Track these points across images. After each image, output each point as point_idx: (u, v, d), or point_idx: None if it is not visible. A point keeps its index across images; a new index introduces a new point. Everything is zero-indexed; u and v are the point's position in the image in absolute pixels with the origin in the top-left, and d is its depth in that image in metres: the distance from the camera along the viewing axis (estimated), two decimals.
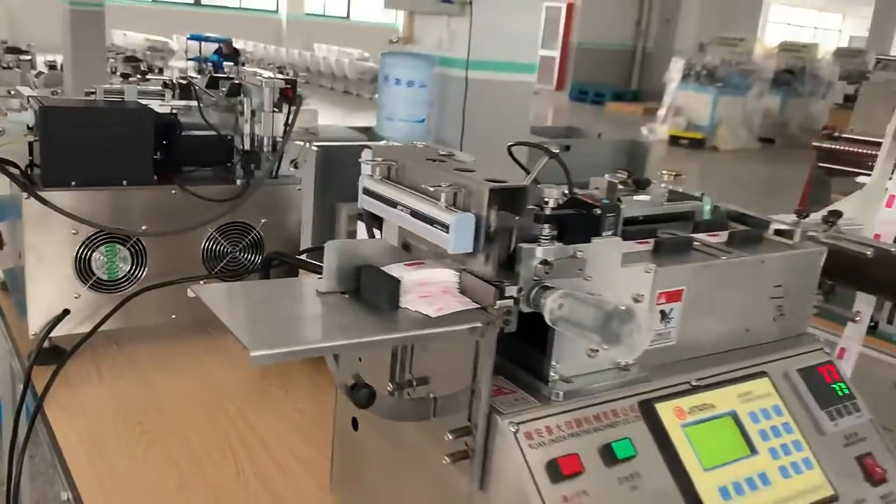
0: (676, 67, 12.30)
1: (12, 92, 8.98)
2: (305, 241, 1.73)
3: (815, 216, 1.09)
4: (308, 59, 17.62)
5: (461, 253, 0.73)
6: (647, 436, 0.78)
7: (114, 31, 19.30)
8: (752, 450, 0.82)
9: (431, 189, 0.74)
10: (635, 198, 0.98)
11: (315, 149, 1.92)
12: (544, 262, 0.72)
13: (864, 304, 1.16)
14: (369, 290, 0.73)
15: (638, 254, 0.88)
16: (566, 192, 0.86)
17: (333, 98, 15.70)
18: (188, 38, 17.17)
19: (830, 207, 1.22)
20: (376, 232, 0.92)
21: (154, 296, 1.47)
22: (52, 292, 1.42)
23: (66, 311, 1.43)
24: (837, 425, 0.90)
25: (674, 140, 12.25)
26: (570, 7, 18.50)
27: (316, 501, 1.11)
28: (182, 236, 1.50)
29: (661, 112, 12.55)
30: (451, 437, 0.75)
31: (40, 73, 12.41)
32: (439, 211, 0.72)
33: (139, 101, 1.53)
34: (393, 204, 0.78)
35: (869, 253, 1.02)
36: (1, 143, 1.40)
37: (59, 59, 12.22)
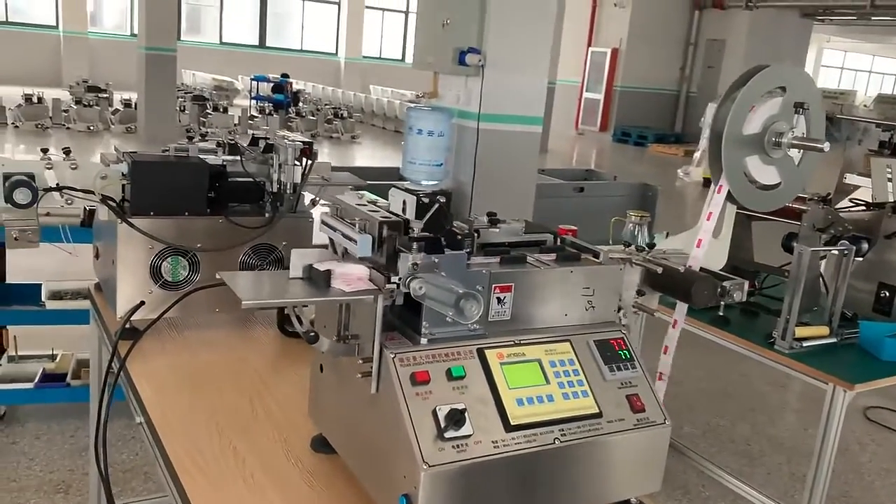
0: (711, 112, 12.71)
1: (92, 128, 9.93)
2: None
3: (633, 247, 1.64)
4: (363, 101, 18.53)
5: (367, 257, 1.31)
6: (478, 367, 1.33)
7: (184, 70, 20.64)
8: (546, 381, 1.36)
9: (352, 221, 1.33)
10: (491, 230, 1.53)
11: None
12: (414, 264, 1.29)
13: (679, 313, 1.69)
14: (315, 277, 1.31)
15: (490, 263, 1.43)
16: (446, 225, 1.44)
17: (385, 138, 16.52)
18: (252, 79, 18.33)
19: (660, 243, 1.76)
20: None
21: (204, 294, 2.06)
22: (134, 288, 2.04)
23: (142, 302, 2.04)
24: (615, 375, 1.44)
25: (707, 182, 12.64)
26: (614, 52, 19.08)
27: (299, 423, 1.67)
28: (225, 252, 2.10)
29: (697, 155, 12.97)
30: (361, 363, 1.32)
31: (117, 110, 13.58)
32: (353, 233, 1.30)
33: (199, 156, 2.17)
34: (334, 229, 1.37)
35: (659, 270, 1.55)
36: (105, 184, 2.03)
37: (133, 97, 13.37)
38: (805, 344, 2.54)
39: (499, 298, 1.40)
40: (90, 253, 2.48)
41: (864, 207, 2.88)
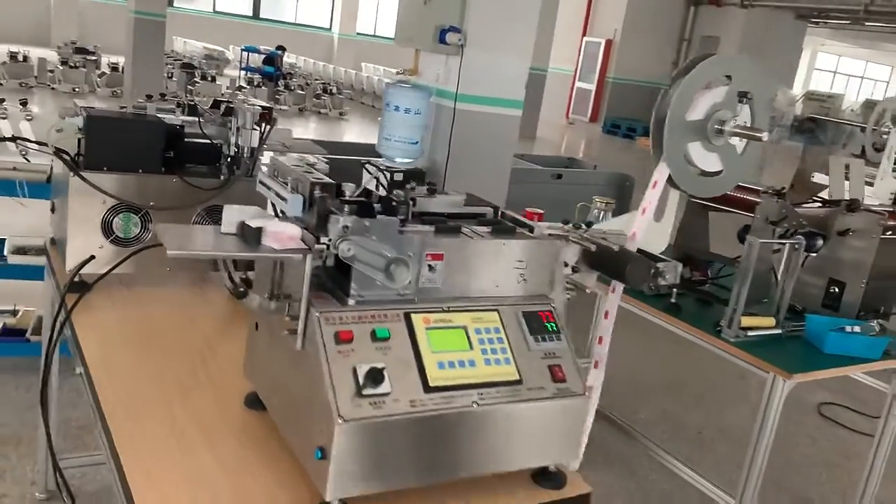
0: None
1: (77, 90, 9.83)
2: None
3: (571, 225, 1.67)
4: (353, 78, 18.44)
5: (300, 216, 1.34)
6: (403, 330, 1.36)
7: (175, 38, 20.45)
8: (470, 347, 1.40)
9: (285, 181, 1.35)
10: (430, 199, 1.56)
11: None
12: (344, 227, 1.32)
13: (612, 305, 1.71)
14: (246, 234, 1.33)
15: (424, 231, 1.46)
16: (374, 187, 1.46)
17: (373, 115, 16.43)
18: (242, 50, 18.19)
19: (600, 225, 1.80)
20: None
21: (155, 252, 2.07)
22: (84, 243, 2.05)
23: (92, 257, 2.05)
24: (540, 345, 1.47)
25: None
26: (608, 43, 19.06)
27: (238, 382, 1.70)
28: (178, 212, 2.12)
29: None
30: (288, 320, 1.35)
31: (103, 73, 13.45)
32: (285, 192, 1.32)
33: (157, 115, 2.17)
34: (269, 188, 1.39)
35: (593, 248, 1.59)
36: (60, 137, 2.04)
37: (121, 61, 13.23)
38: (750, 333, 2.59)
39: (430, 266, 1.43)
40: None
41: (819, 204, 2.93)
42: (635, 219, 1.80)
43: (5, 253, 3.43)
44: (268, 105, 2.24)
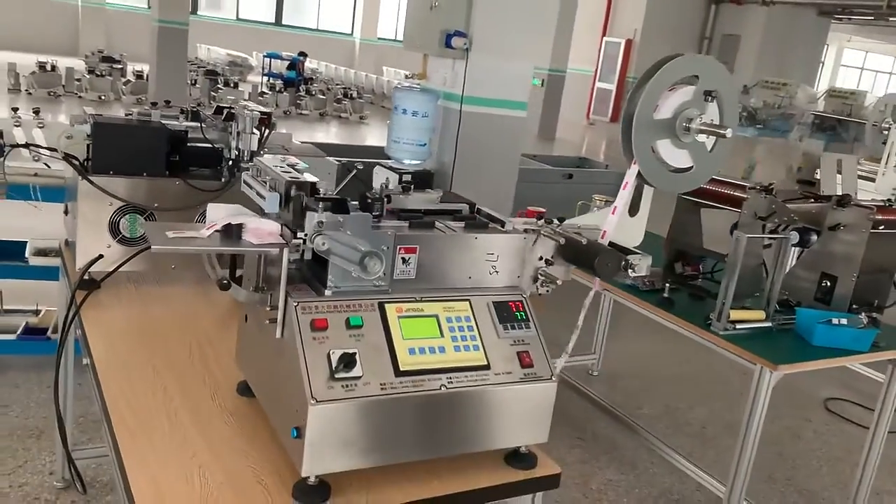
0: None
1: (103, 98, 10.04)
2: None
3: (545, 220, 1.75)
4: (374, 82, 18.60)
5: (276, 213, 1.44)
6: (377, 318, 1.45)
7: (199, 45, 20.77)
8: (441, 334, 1.49)
9: (265, 180, 1.45)
10: (409, 196, 1.65)
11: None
12: (319, 222, 1.41)
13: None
14: (228, 230, 1.44)
15: (399, 226, 1.55)
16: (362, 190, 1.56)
17: None
18: (265, 56, 18.46)
19: (574, 220, 1.88)
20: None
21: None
22: (93, 242, 2.17)
23: (100, 256, 2.18)
24: (509, 333, 1.56)
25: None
26: (629, 43, 19.04)
27: (232, 372, 1.80)
28: (181, 213, 2.23)
29: None
30: (269, 309, 1.45)
31: (129, 81, 13.73)
32: (264, 191, 1.43)
33: (161, 121, 2.29)
34: (251, 187, 1.50)
35: (561, 241, 1.67)
36: (70, 143, 2.16)
37: (146, 69, 13.52)
38: (739, 326, 2.65)
39: (403, 258, 1.52)
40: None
41: (812, 200, 2.98)
42: (607, 216, 1.89)
43: (27, 255, 3.59)
44: (266, 110, 2.35)
